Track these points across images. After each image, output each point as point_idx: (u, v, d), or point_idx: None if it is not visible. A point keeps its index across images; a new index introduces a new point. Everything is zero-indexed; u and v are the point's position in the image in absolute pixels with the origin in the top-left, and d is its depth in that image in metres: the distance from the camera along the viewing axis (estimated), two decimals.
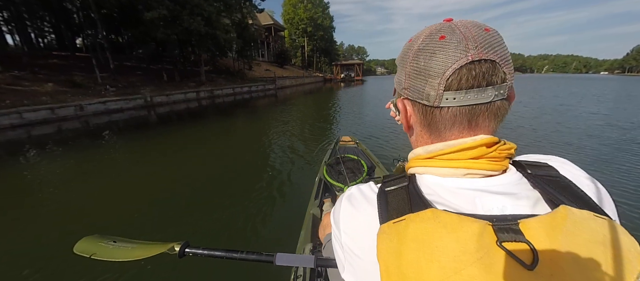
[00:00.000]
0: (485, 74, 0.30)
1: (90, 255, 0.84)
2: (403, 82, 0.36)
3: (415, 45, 0.34)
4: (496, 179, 0.32)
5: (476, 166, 0.32)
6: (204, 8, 14.31)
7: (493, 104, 0.32)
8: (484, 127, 0.34)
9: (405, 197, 0.32)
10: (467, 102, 0.31)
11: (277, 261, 0.80)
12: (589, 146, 5.09)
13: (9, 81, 9.58)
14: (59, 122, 8.31)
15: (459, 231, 0.26)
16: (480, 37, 0.30)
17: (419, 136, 0.39)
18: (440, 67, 0.31)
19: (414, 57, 0.34)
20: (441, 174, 0.34)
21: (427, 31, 0.34)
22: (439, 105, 0.33)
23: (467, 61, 0.29)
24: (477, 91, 0.31)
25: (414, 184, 0.35)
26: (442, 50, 0.31)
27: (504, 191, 0.31)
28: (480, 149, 0.33)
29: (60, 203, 3.25)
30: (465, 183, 0.32)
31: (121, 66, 15.67)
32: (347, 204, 0.38)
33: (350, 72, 55.95)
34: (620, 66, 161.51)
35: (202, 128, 7.80)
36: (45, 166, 4.59)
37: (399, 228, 0.29)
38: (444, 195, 0.32)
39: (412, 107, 0.37)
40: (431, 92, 0.32)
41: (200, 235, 2.57)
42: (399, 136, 6.06)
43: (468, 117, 0.33)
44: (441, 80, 0.31)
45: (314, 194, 2.11)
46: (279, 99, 17.18)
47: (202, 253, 0.84)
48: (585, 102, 11.96)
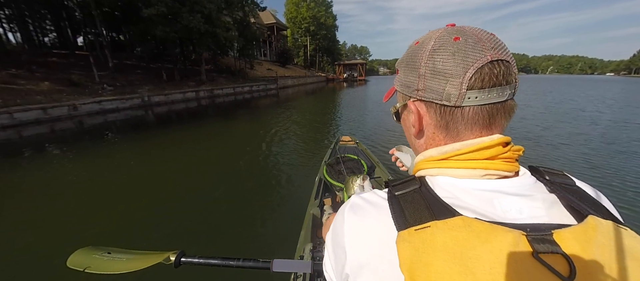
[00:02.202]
0: (504, 73, 0.31)
1: (85, 269, 0.83)
2: (416, 84, 0.36)
3: (427, 46, 0.34)
4: (512, 180, 0.33)
5: (493, 167, 0.32)
6: (204, 5, 14.07)
7: (507, 103, 0.34)
8: (499, 127, 0.34)
9: (421, 201, 0.32)
10: (488, 101, 0.32)
11: (274, 267, 0.81)
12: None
13: (5, 79, 9.40)
14: (51, 122, 8.08)
15: (493, 241, 0.25)
16: (492, 40, 0.32)
17: (430, 139, 0.38)
18: (461, 67, 0.31)
19: (429, 58, 0.34)
20: (457, 175, 0.34)
21: (436, 33, 0.35)
22: (461, 105, 0.33)
23: (487, 61, 0.31)
24: (498, 90, 0.32)
25: (426, 187, 0.34)
26: (461, 50, 0.31)
27: (520, 193, 0.31)
28: (497, 149, 0.33)
29: (51, 210, 3.09)
30: (483, 183, 0.32)
31: (121, 65, 15.53)
32: (351, 216, 0.35)
33: (353, 72, 55.51)
34: (626, 67, 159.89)
35: (201, 129, 7.67)
36: (34, 170, 4.41)
37: (423, 236, 0.27)
38: (462, 197, 0.31)
39: (426, 109, 0.37)
40: (453, 92, 0.32)
41: (197, 238, 2.53)
42: (400, 138, 5.78)
43: (488, 116, 0.33)
44: (463, 79, 0.31)
45: (314, 194, 2.11)
46: (280, 99, 17.00)
47: (198, 262, 0.84)
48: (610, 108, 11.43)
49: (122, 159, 5.01)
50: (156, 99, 12.44)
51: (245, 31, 20.81)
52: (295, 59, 47.13)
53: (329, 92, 23.26)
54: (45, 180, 4.01)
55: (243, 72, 23.93)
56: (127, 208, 3.10)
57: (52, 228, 2.73)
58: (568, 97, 15.37)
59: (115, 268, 0.84)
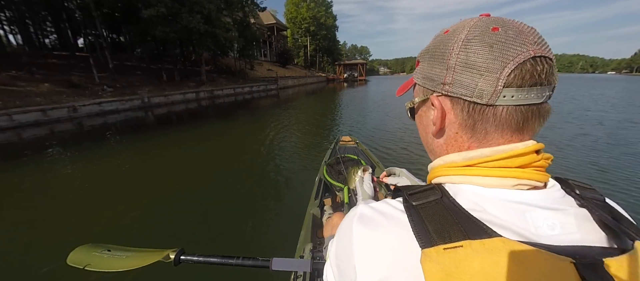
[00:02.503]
0: (547, 72, 0.28)
1: (84, 266, 0.83)
2: (443, 77, 0.32)
3: (459, 35, 0.31)
4: (543, 192, 0.30)
5: (526, 176, 0.29)
6: (204, 5, 14.04)
7: (544, 106, 0.30)
8: (531, 131, 0.31)
9: (447, 214, 0.28)
10: (525, 102, 0.29)
11: (273, 266, 0.81)
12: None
13: (5, 81, 9.39)
14: (51, 124, 8.05)
15: (538, 269, 0.23)
16: (534, 33, 0.29)
17: (452, 139, 0.35)
18: (500, 61, 0.28)
19: (462, 49, 0.30)
20: (486, 184, 0.30)
21: (470, 22, 0.31)
22: (494, 103, 0.29)
23: (529, 56, 0.27)
24: (538, 90, 0.28)
25: (448, 197, 0.30)
26: (501, 42, 0.28)
27: (551, 206, 0.28)
28: (530, 157, 0.30)
29: (51, 210, 3.10)
30: (514, 194, 0.29)
31: (121, 66, 15.53)
32: (361, 229, 0.31)
33: (353, 72, 55.50)
34: (628, 65, 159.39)
35: (201, 129, 7.65)
36: (34, 171, 4.41)
37: (456, 258, 0.24)
38: (490, 209, 0.28)
39: (451, 106, 0.33)
40: (486, 89, 0.29)
41: (197, 238, 2.53)
42: (401, 138, 5.84)
43: (521, 119, 0.30)
44: (501, 75, 0.28)
45: (313, 194, 2.11)
46: (280, 99, 16.96)
47: (198, 261, 0.84)
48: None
49: (121, 160, 4.98)
50: (156, 100, 12.42)
51: (245, 32, 20.80)
52: (295, 59, 47.15)
53: (329, 92, 23.21)
54: (44, 181, 4.00)
55: (243, 72, 23.92)
56: (127, 208, 3.09)
57: (52, 227, 2.73)
58: (570, 96, 15.26)
59: (115, 266, 0.85)
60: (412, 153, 4.91)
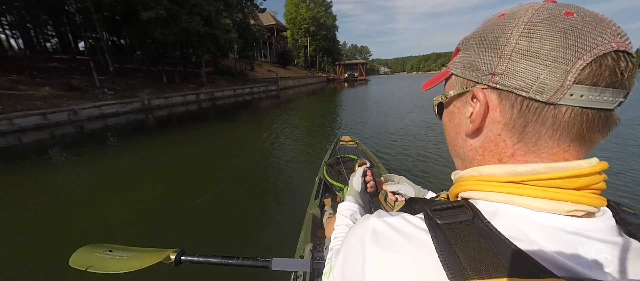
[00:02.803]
0: (629, 73, 0.23)
1: (86, 268, 0.84)
2: (493, 66, 0.27)
3: (520, 18, 0.26)
4: (597, 221, 0.25)
5: (584, 201, 0.25)
6: (203, 7, 14.05)
7: (613, 114, 0.25)
8: (592, 143, 0.26)
9: (482, 241, 0.23)
10: (595, 105, 0.23)
11: (273, 266, 0.82)
12: None
13: (6, 85, 9.41)
14: (51, 128, 8.05)
15: None
16: (615, 24, 0.24)
17: (491, 143, 0.29)
18: (573, 50, 0.23)
19: (524, 34, 0.25)
20: (534, 207, 0.25)
21: (535, 5, 0.26)
22: (557, 102, 0.24)
23: (611, 49, 0.22)
24: (613, 93, 0.23)
25: (482, 219, 0.25)
26: (576, 29, 0.23)
27: (605, 238, 0.24)
28: (593, 178, 0.25)
29: (51, 211, 3.13)
30: (566, 222, 0.24)
31: (122, 69, 15.56)
32: (376, 251, 0.27)
33: (354, 72, 55.41)
34: None
35: (202, 131, 7.64)
36: (35, 174, 4.41)
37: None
38: (538, 239, 0.23)
39: (499, 101, 0.27)
40: (550, 83, 0.24)
41: (197, 238, 2.54)
42: (401, 138, 5.76)
43: (586, 126, 0.24)
44: (572, 68, 0.23)
45: (314, 194, 2.12)
46: (281, 100, 16.95)
47: (198, 261, 0.86)
48: None
49: (122, 162, 4.98)
50: (156, 102, 12.42)
51: (245, 33, 20.79)
52: (295, 59, 47.20)
53: (330, 92, 23.18)
54: (46, 183, 4.00)
55: (243, 73, 23.95)
56: (128, 209, 3.11)
57: (53, 229, 2.74)
58: None
59: (116, 267, 0.85)
60: (411, 156, 4.82)
